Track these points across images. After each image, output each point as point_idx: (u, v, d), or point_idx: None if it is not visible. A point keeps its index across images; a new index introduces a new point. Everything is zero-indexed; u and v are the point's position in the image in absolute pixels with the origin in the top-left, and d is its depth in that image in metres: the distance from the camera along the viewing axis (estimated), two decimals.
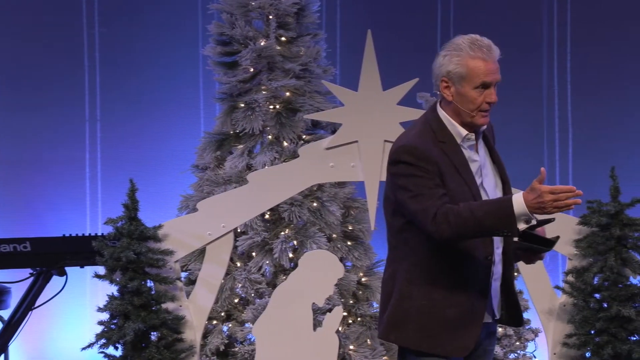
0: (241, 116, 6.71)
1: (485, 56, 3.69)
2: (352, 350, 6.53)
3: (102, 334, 5.77)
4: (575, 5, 8.93)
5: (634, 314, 5.82)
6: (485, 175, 3.73)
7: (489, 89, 3.68)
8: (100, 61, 8.74)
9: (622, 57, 8.82)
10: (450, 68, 3.68)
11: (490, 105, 3.68)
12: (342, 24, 8.94)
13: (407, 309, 3.67)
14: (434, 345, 3.66)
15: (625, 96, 8.81)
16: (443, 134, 3.69)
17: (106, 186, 8.62)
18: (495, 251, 3.70)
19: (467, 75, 3.66)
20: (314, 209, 6.60)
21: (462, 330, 3.64)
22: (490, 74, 3.68)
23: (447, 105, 3.70)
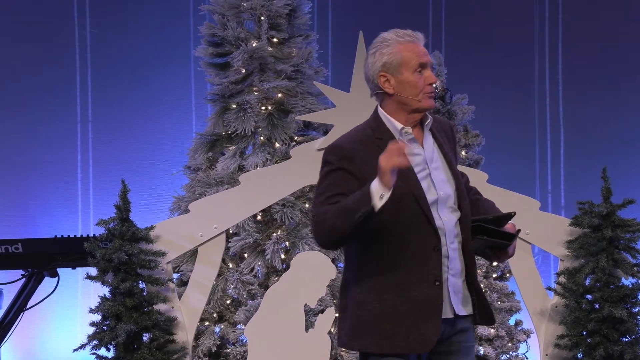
0: (233, 117, 6.71)
1: (414, 39, 3.71)
2: (344, 352, 6.53)
3: (94, 335, 5.76)
4: (566, 6, 8.95)
5: (625, 315, 5.83)
6: (435, 168, 3.70)
7: (427, 71, 3.69)
8: (91, 62, 8.73)
9: (613, 57, 8.84)
10: (385, 60, 3.68)
11: (431, 86, 3.68)
12: (334, 25, 8.94)
13: (362, 314, 3.67)
14: (394, 345, 3.64)
15: (617, 96, 8.84)
16: (380, 131, 3.69)
17: (98, 187, 8.62)
18: (449, 245, 3.66)
19: (403, 61, 3.67)
20: (306, 210, 6.60)
21: (419, 324, 3.62)
22: (425, 55, 3.70)
23: (389, 100, 3.70)
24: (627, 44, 8.85)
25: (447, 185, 3.71)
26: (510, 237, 3.68)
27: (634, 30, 8.86)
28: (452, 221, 3.69)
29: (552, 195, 8.91)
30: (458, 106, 7.23)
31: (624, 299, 5.88)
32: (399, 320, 3.64)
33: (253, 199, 6.01)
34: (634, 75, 8.87)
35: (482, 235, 3.69)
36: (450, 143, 3.84)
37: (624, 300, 5.88)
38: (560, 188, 8.94)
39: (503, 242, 3.69)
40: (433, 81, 3.69)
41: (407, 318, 3.63)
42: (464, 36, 8.84)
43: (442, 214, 3.67)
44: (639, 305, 5.97)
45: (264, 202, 6.09)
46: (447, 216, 3.68)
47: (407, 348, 3.64)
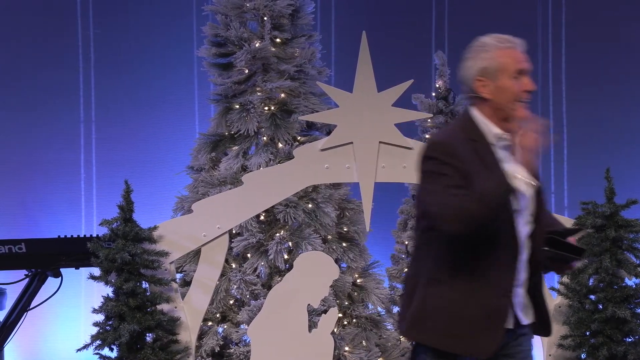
0: (236, 117, 6.71)
1: (514, 45, 3.70)
2: (348, 352, 6.53)
3: (98, 336, 5.76)
4: (570, 6, 8.94)
5: (629, 315, 5.83)
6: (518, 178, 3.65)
7: (525, 77, 3.69)
8: (94, 62, 8.73)
9: (617, 57, 8.84)
10: (485, 64, 3.68)
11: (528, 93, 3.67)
12: (337, 25, 8.94)
13: (429, 308, 3.66)
14: (455, 345, 3.65)
15: (620, 96, 8.83)
16: (474, 133, 3.67)
17: (101, 187, 8.62)
18: (521, 257, 3.67)
19: (501, 67, 3.67)
20: (309, 211, 6.59)
21: (483, 332, 3.63)
22: (523, 62, 3.69)
23: (484, 104, 3.69)
24: (631, 44, 8.85)
25: (526, 197, 3.69)
26: (579, 251, 3.68)
27: (636, 31, 8.85)
28: (525, 232, 3.68)
29: (556, 196, 8.91)
30: (461, 106, 7.23)
31: (628, 299, 5.87)
32: (466, 322, 3.63)
33: (256, 199, 6.01)
34: (638, 75, 8.87)
35: (552, 247, 3.67)
36: None
37: (628, 300, 5.88)
38: (563, 188, 8.94)
39: (573, 257, 3.68)
40: (530, 88, 3.68)
41: (474, 322, 3.63)
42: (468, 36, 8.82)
43: (519, 225, 3.67)
44: None
45: (267, 202, 6.09)
46: (522, 228, 3.68)
47: (467, 351, 3.65)
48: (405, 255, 7.26)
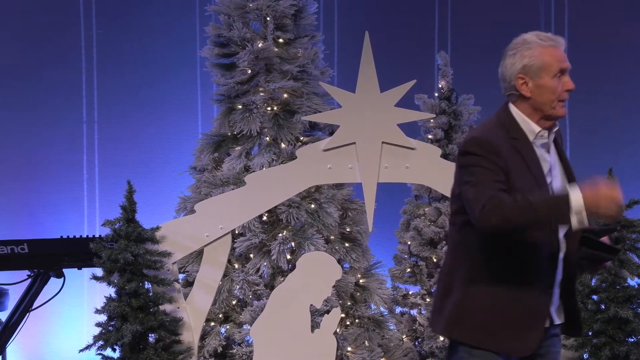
0: (239, 118, 6.71)
1: (556, 44, 3.69)
2: (350, 352, 6.53)
3: (100, 336, 5.76)
4: (572, 6, 8.94)
5: (631, 316, 5.83)
6: (555, 176, 3.70)
7: (566, 76, 3.68)
8: (97, 63, 8.74)
9: (620, 57, 8.83)
10: (525, 62, 3.67)
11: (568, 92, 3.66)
12: (340, 25, 8.94)
13: (469, 306, 3.65)
14: (495, 343, 3.64)
15: (623, 96, 8.83)
16: (515, 131, 3.66)
17: (104, 188, 8.62)
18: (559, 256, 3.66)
19: (544, 65, 3.66)
20: (312, 211, 6.59)
21: (523, 330, 3.62)
22: (565, 61, 3.68)
23: (523, 102, 3.67)
24: (630, 44, 8.84)
25: None
26: (614, 251, 3.66)
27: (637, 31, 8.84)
28: (562, 232, 3.67)
29: None
30: (464, 107, 7.23)
31: (630, 300, 5.87)
32: (508, 320, 3.63)
33: (259, 200, 6.01)
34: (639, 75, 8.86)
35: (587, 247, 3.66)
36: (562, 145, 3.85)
37: (630, 300, 5.87)
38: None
39: (608, 257, 3.67)
40: (571, 87, 3.67)
41: (515, 321, 3.63)
42: (470, 37, 8.83)
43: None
44: None
45: (270, 202, 6.08)
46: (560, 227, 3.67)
47: (507, 349, 3.64)
48: (407, 255, 7.25)
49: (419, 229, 7.14)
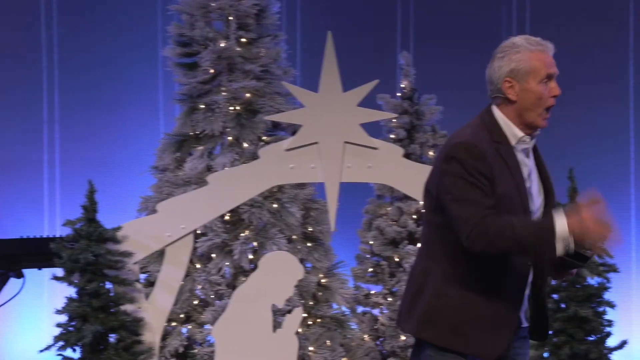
0: (201, 117, 6.69)
1: (545, 49, 3.68)
2: (312, 352, 6.53)
3: (60, 336, 5.74)
4: (534, 7, 8.99)
5: (591, 315, 5.87)
6: (532, 181, 3.68)
7: (552, 82, 3.66)
8: (58, 62, 8.68)
9: (581, 58, 8.89)
10: (513, 66, 3.63)
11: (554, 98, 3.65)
12: (302, 25, 8.94)
13: (441, 307, 3.63)
14: (464, 345, 3.63)
15: (584, 97, 8.88)
16: (498, 135, 3.63)
17: (65, 188, 8.57)
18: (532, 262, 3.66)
19: (532, 69, 3.63)
20: (274, 211, 6.59)
21: (493, 333, 3.62)
22: (553, 66, 3.66)
23: (508, 106, 3.64)
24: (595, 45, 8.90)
25: (538, 200, 3.69)
26: (585, 259, 3.60)
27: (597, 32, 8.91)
28: None
29: None
30: (426, 106, 7.25)
31: (590, 299, 5.91)
32: (478, 323, 3.62)
33: (221, 199, 6.00)
34: (596, 77, 8.93)
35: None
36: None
37: (590, 299, 5.91)
38: None
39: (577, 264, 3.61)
40: (556, 93, 3.65)
41: (486, 323, 3.62)
42: (432, 37, 8.86)
43: None
44: (604, 304, 6.01)
45: (232, 202, 6.08)
46: None
47: (475, 351, 3.63)
48: (370, 255, 7.26)
49: (381, 229, 7.15)
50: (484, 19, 8.84)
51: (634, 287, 8.75)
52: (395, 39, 8.99)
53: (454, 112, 7.60)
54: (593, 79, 8.91)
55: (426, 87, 7.36)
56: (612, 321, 6.07)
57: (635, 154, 8.92)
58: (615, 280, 6.21)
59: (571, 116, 8.80)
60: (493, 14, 8.93)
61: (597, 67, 8.91)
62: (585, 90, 8.88)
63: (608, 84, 8.92)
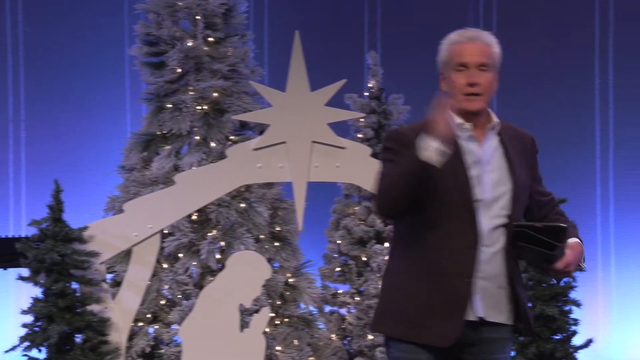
0: (168, 117, 6.67)
1: (463, 39, 3.72)
2: (279, 351, 6.53)
3: (26, 337, 5.70)
4: (501, 8, 9.03)
5: (557, 313, 5.90)
6: (490, 171, 3.68)
7: (469, 70, 3.68)
8: (24, 61, 8.63)
9: (547, 58, 8.94)
10: (440, 58, 3.75)
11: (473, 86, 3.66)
12: (270, 25, 8.94)
13: (390, 299, 3.70)
14: (416, 334, 3.66)
15: (550, 96, 8.93)
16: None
17: (30, 187, 8.52)
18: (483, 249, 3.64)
19: (447, 59, 3.71)
20: (242, 210, 6.58)
21: (444, 318, 3.63)
22: (468, 55, 3.69)
23: (448, 97, 3.71)
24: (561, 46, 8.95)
25: (497, 189, 3.68)
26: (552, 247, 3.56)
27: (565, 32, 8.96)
28: (491, 225, 3.65)
29: None
30: (394, 106, 7.26)
31: (556, 298, 5.95)
32: (426, 310, 3.64)
33: (188, 199, 5.99)
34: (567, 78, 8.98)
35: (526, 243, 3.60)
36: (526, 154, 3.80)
37: (556, 299, 5.95)
38: None
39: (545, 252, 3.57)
40: (473, 81, 3.67)
41: (434, 309, 3.64)
42: (400, 37, 8.88)
43: (482, 216, 3.64)
44: (569, 303, 6.04)
45: (199, 202, 6.07)
46: (487, 219, 3.65)
47: (428, 339, 3.65)
48: (337, 254, 7.27)
49: (349, 228, 7.16)
50: (451, 19, 8.87)
51: (600, 286, 8.82)
52: (362, 39, 9.00)
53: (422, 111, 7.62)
54: (559, 79, 8.96)
55: (394, 86, 7.39)
56: (577, 320, 6.11)
57: (601, 153, 8.98)
58: (581, 279, 6.26)
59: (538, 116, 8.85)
60: (460, 14, 8.97)
61: (563, 67, 8.96)
62: (551, 90, 8.93)
63: (574, 84, 8.98)
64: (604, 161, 8.97)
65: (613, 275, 8.85)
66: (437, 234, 3.65)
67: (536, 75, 8.93)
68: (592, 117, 9.02)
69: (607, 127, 9.00)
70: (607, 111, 9.00)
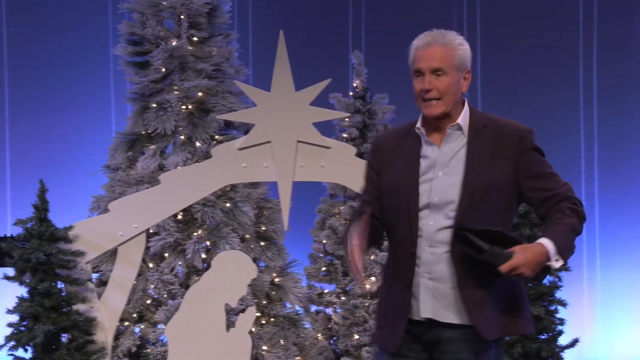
0: (153, 116, 6.67)
1: (420, 44, 3.68)
2: (265, 351, 6.53)
3: (12, 336, 5.69)
4: (484, 8, 9.05)
5: (543, 313, 5.92)
6: (446, 173, 3.66)
7: (424, 76, 3.65)
8: (8, 60, 8.61)
9: (531, 58, 8.96)
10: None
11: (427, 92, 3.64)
12: (255, 24, 8.94)
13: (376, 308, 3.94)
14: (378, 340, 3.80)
15: (535, 97, 8.96)
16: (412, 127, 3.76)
17: (15, 186, 8.50)
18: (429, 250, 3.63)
19: (410, 65, 3.71)
20: (227, 210, 6.58)
21: (391, 324, 3.70)
22: (422, 61, 3.65)
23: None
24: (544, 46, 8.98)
25: (451, 192, 3.65)
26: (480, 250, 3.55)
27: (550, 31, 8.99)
28: (436, 227, 3.64)
29: None
30: (378, 106, 7.28)
31: (541, 297, 5.96)
32: (382, 317, 3.78)
33: (173, 198, 5.98)
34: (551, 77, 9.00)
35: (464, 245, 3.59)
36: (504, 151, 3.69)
37: (541, 298, 5.96)
38: None
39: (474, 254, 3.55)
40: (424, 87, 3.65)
41: (383, 315, 3.77)
42: (384, 36, 8.89)
43: (429, 218, 3.64)
44: (555, 303, 6.06)
45: (185, 201, 6.06)
46: (435, 221, 3.64)
47: (383, 344, 3.74)
48: (323, 254, 7.28)
49: (334, 228, 7.16)
50: (435, 18, 8.89)
51: (585, 286, 8.85)
52: (347, 38, 9.01)
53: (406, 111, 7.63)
54: (544, 79, 8.99)
55: (378, 86, 7.40)
56: (563, 320, 6.13)
57: (586, 153, 9.01)
58: (567, 279, 6.28)
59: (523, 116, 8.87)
60: (444, 14, 8.99)
61: (548, 66, 8.99)
62: (536, 91, 8.96)
63: (558, 83, 9.01)
64: (589, 160, 9.00)
65: (598, 275, 8.89)
66: (392, 243, 3.74)
67: (520, 75, 8.96)
68: (577, 116, 9.05)
69: (592, 126, 9.03)
70: (592, 110, 9.04)
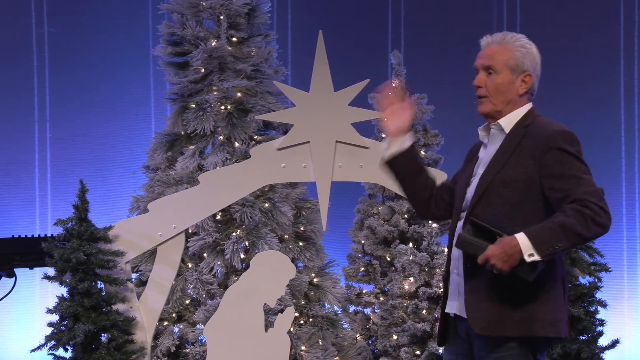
0: (192, 117, 6.69)
1: (483, 42, 3.83)
2: (304, 351, 6.53)
3: (52, 336, 5.72)
4: (525, 7, 9.00)
5: (582, 314, 5.87)
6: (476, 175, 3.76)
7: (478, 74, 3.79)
8: (49, 61, 8.67)
9: (571, 58, 8.91)
10: None
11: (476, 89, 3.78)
12: (294, 24, 8.94)
13: None
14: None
15: (574, 96, 8.90)
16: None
17: (56, 187, 8.56)
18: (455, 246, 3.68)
19: None
20: (266, 210, 6.59)
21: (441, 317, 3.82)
22: (478, 58, 3.80)
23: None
24: (583, 45, 8.92)
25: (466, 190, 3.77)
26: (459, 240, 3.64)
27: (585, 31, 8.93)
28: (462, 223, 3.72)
29: None
30: (417, 106, 7.26)
31: (581, 298, 5.92)
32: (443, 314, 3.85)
33: (212, 199, 5.99)
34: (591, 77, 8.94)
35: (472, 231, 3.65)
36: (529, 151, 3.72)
37: (581, 299, 5.92)
38: None
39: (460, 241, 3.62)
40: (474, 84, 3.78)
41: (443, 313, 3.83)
42: (423, 36, 8.87)
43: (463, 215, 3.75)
44: (595, 304, 6.01)
45: (224, 201, 6.07)
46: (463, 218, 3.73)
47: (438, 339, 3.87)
48: (361, 254, 7.27)
49: (373, 228, 7.15)
50: (475, 18, 8.86)
51: (626, 287, 8.78)
52: (386, 38, 9.00)
53: (445, 111, 7.62)
54: (583, 79, 8.93)
55: (417, 86, 7.37)
56: (604, 320, 6.08)
57: (626, 153, 8.94)
58: (607, 279, 6.23)
59: (561, 115, 8.81)
60: (484, 13, 8.94)
61: (588, 66, 8.93)
62: (575, 90, 8.90)
63: (598, 84, 8.95)
64: (630, 160, 8.92)
65: (639, 275, 8.81)
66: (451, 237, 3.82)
67: (560, 75, 8.90)
68: (618, 116, 8.98)
69: (633, 126, 8.95)
70: (633, 110, 8.96)
